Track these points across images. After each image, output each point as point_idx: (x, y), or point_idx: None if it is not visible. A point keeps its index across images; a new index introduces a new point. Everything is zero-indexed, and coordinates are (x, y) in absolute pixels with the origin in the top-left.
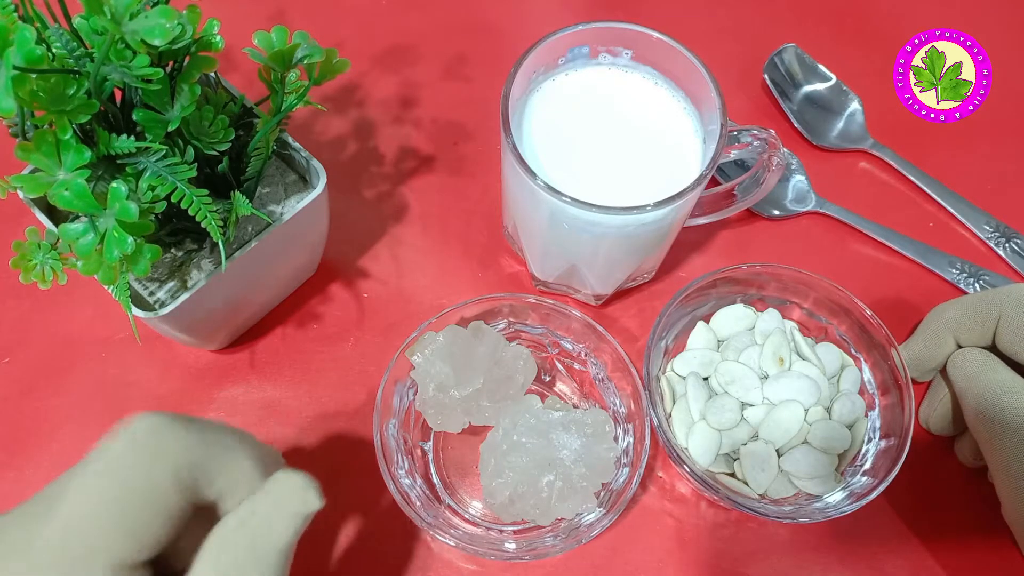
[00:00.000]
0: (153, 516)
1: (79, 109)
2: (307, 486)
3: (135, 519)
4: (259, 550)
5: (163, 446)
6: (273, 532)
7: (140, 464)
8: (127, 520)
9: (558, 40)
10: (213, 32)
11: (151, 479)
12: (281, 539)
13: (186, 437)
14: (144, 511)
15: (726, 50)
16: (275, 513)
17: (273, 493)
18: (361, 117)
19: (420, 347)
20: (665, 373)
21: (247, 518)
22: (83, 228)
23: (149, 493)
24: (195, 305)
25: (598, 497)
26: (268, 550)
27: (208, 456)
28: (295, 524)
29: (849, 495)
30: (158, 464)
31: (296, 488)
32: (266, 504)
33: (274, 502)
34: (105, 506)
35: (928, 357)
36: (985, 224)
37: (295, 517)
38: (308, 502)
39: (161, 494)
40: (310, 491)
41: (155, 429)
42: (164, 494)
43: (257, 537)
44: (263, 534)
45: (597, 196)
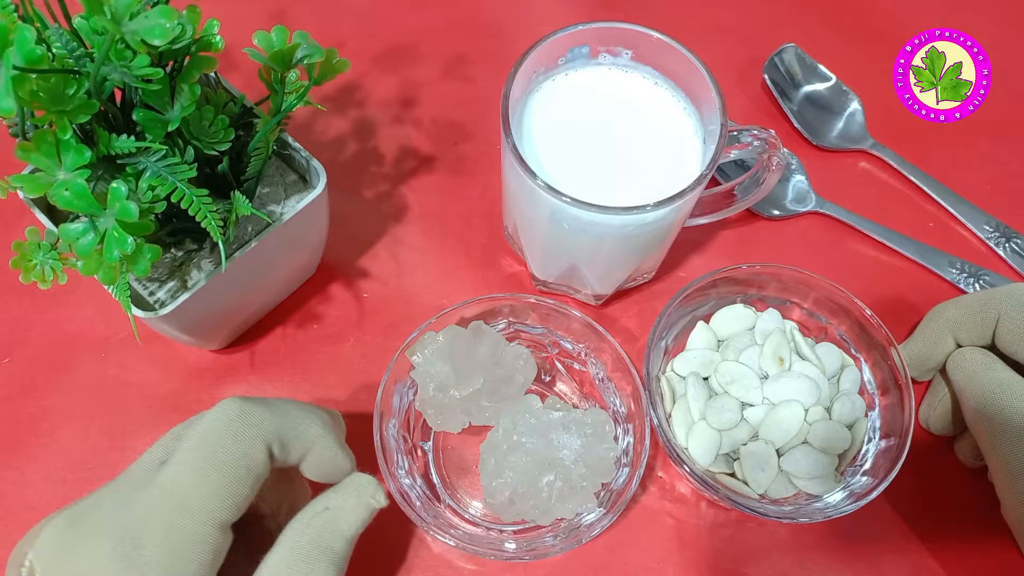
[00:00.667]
0: (245, 482)
1: (79, 109)
2: (376, 486)
3: (230, 485)
4: (332, 536)
5: (250, 421)
6: (344, 522)
7: (232, 437)
8: (224, 487)
9: (558, 40)
10: (213, 32)
11: (243, 450)
12: (350, 528)
13: (266, 413)
14: (238, 478)
15: (726, 50)
16: (347, 506)
17: (347, 489)
18: (361, 117)
19: (420, 347)
20: (665, 373)
21: (324, 509)
22: (83, 228)
23: (241, 462)
24: (195, 305)
25: (598, 497)
26: (338, 536)
27: (286, 426)
28: (363, 517)
29: (849, 495)
30: (247, 436)
31: (367, 486)
32: (340, 499)
33: (347, 497)
34: (203, 474)
35: (928, 357)
36: (985, 224)
37: (365, 509)
38: (376, 499)
39: (251, 462)
40: (379, 491)
41: (240, 409)
42: (254, 462)
43: (331, 525)
44: (336, 523)
45: (597, 196)
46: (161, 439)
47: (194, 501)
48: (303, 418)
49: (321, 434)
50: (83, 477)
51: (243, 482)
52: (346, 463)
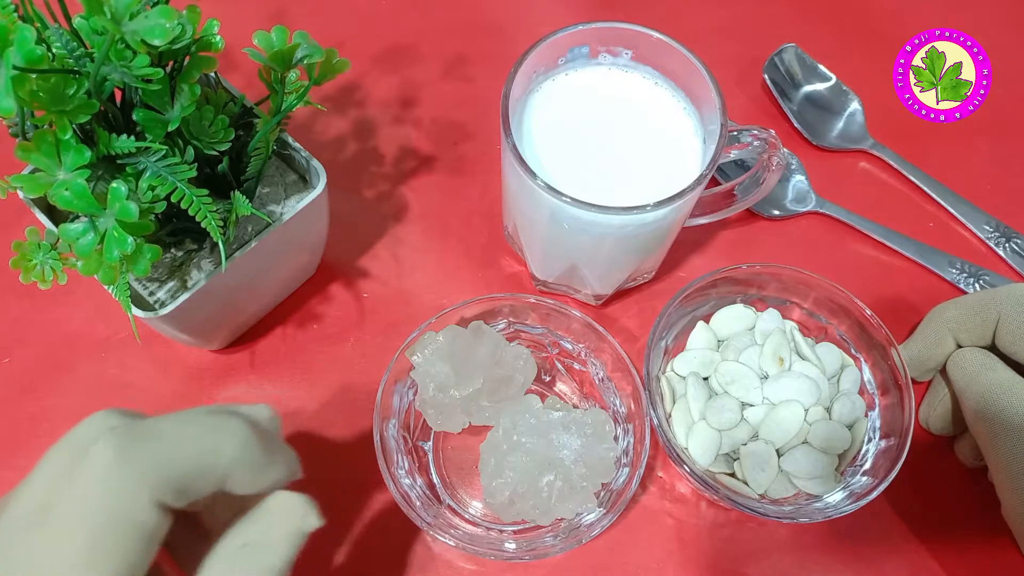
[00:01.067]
0: (136, 543)
1: (79, 109)
2: (306, 506)
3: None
4: (258, 572)
5: (127, 473)
6: (271, 553)
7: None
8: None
9: (558, 40)
10: (213, 32)
11: (122, 514)
12: (280, 559)
13: (150, 454)
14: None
15: (726, 50)
16: (272, 538)
17: (270, 515)
18: (361, 117)
19: (420, 347)
20: (665, 373)
21: (243, 546)
22: (83, 228)
23: (131, 523)
24: (195, 305)
25: (598, 497)
26: (266, 570)
27: (181, 466)
28: (293, 544)
29: (849, 495)
30: (135, 496)
31: (294, 508)
32: (262, 529)
33: (270, 526)
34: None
35: (928, 357)
36: (985, 224)
37: (293, 537)
38: (306, 522)
39: (143, 522)
40: (309, 512)
41: (115, 456)
42: (140, 525)
43: (256, 559)
44: (261, 555)
45: (597, 196)
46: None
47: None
48: (209, 446)
49: (239, 457)
50: None
51: (131, 549)
52: (279, 473)
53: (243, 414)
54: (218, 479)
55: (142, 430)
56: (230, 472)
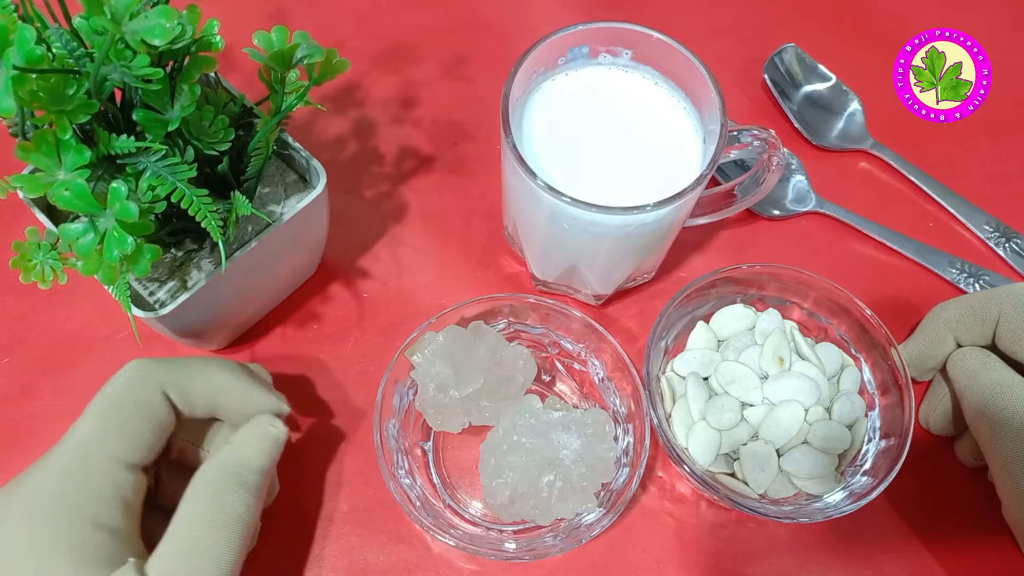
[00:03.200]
0: (144, 425)
1: (79, 109)
2: (272, 417)
3: (129, 428)
4: (238, 466)
5: (143, 373)
6: (247, 454)
7: (126, 387)
8: (122, 429)
9: (558, 40)
10: (213, 32)
11: (138, 396)
12: (255, 460)
13: (161, 364)
14: (136, 420)
15: (726, 50)
16: (249, 440)
17: (248, 425)
18: (361, 117)
19: (420, 347)
20: (665, 373)
21: (226, 444)
22: (83, 228)
23: (138, 407)
24: (195, 305)
25: (598, 497)
26: (244, 467)
27: (183, 374)
28: (266, 448)
29: (849, 495)
30: (141, 385)
31: (263, 419)
32: (242, 434)
33: (248, 431)
34: (101, 420)
35: (928, 356)
36: (985, 224)
37: (265, 441)
38: (275, 427)
39: (149, 408)
40: (276, 421)
41: (136, 365)
42: (151, 408)
43: (235, 456)
44: (239, 455)
45: (597, 196)
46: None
47: (93, 443)
48: (203, 366)
49: (226, 379)
50: None
51: (143, 426)
52: (268, 404)
53: (238, 362)
54: (211, 394)
55: (155, 358)
56: (221, 392)
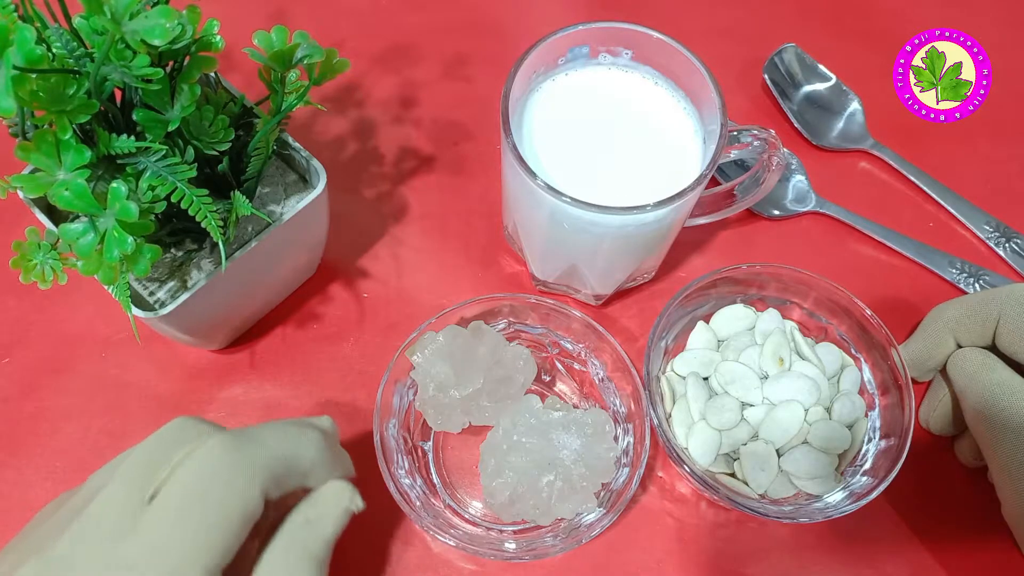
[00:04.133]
0: (239, 530)
1: (79, 109)
2: (352, 491)
3: (223, 537)
4: (315, 544)
5: (243, 465)
6: (324, 530)
7: (224, 485)
8: (217, 539)
9: (558, 40)
10: (213, 32)
11: (237, 499)
12: (332, 532)
13: (259, 452)
14: (231, 529)
15: (726, 50)
16: (327, 515)
17: (325, 497)
18: (361, 117)
19: (420, 347)
20: (665, 373)
21: (305, 522)
22: (83, 228)
23: (236, 512)
24: (195, 305)
25: (598, 497)
26: (320, 544)
27: (281, 463)
28: (342, 521)
29: (849, 495)
30: (241, 485)
31: (344, 491)
32: (320, 508)
33: (326, 506)
34: (194, 529)
35: (928, 357)
36: (985, 224)
37: (344, 515)
38: (355, 502)
39: (246, 511)
40: (356, 496)
41: (232, 448)
42: (249, 510)
43: (314, 535)
44: (317, 533)
45: (597, 196)
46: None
47: (188, 560)
48: (297, 451)
49: (317, 461)
50: (83, 477)
51: (237, 531)
52: (342, 470)
53: (315, 425)
54: (302, 476)
55: (247, 434)
56: (311, 470)
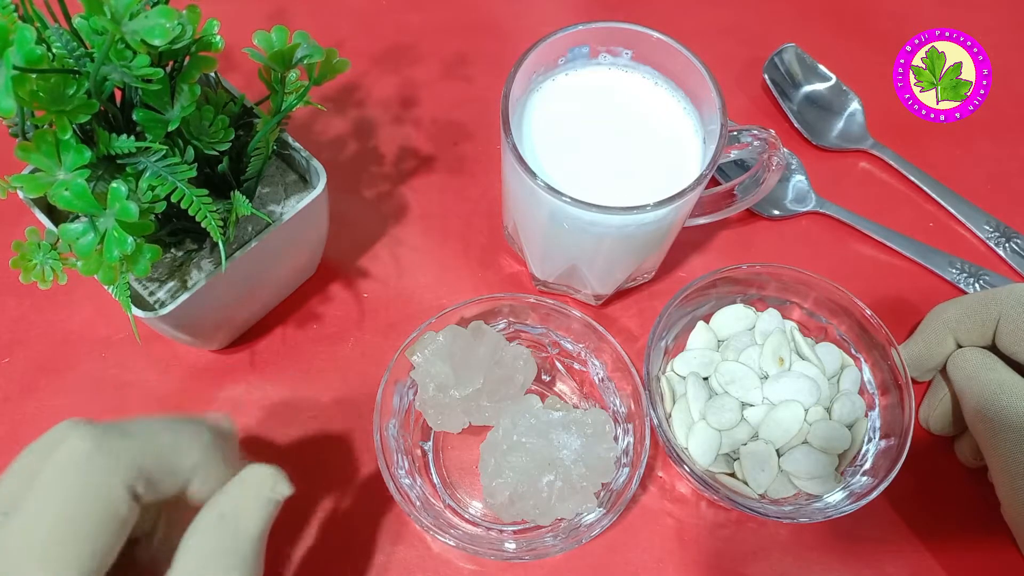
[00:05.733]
0: (105, 532)
1: (79, 109)
2: (276, 476)
3: (88, 542)
4: (236, 539)
5: (103, 463)
6: (247, 521)
7: (83, 484)
8: (80, 544)
9: (558, 40)
10: (213, 32)
11: (98, 499)
12: (255, 527)
13: (125, 447)
14: (95, 531)
15: (726, 50)
16: (247, 504)
17: (244, 485)
18: (361, 117)
19: (420, 347)
20: (665, 373)
21: (219, 518)
22: (83, 228)
23: (98, 513)
24: (195, 305)
25: (598, 497)
26: (243, 538)
27: (152, 461)
28: (266, 512)
29: (849, 495)
30: (101, 482)
31: (265, 478)
32: (237, 496)
33: (244, 494)
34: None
35: (928, 357)
36: (985, 224)
37: (266, 505)
38: (277, 490)
39: (110, 511)
40: (279, 480)
41: (92, 447)
42: (114, 510)
43: (232, 527)
44: (238, 524)
45: (597, 196)
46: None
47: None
48: (176, 446)
49: (201, 461)
50: None
51: (103, 535)
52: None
53: (205, 422)
54: (183, 478)
55: (114, 428)
56: (194, 472)
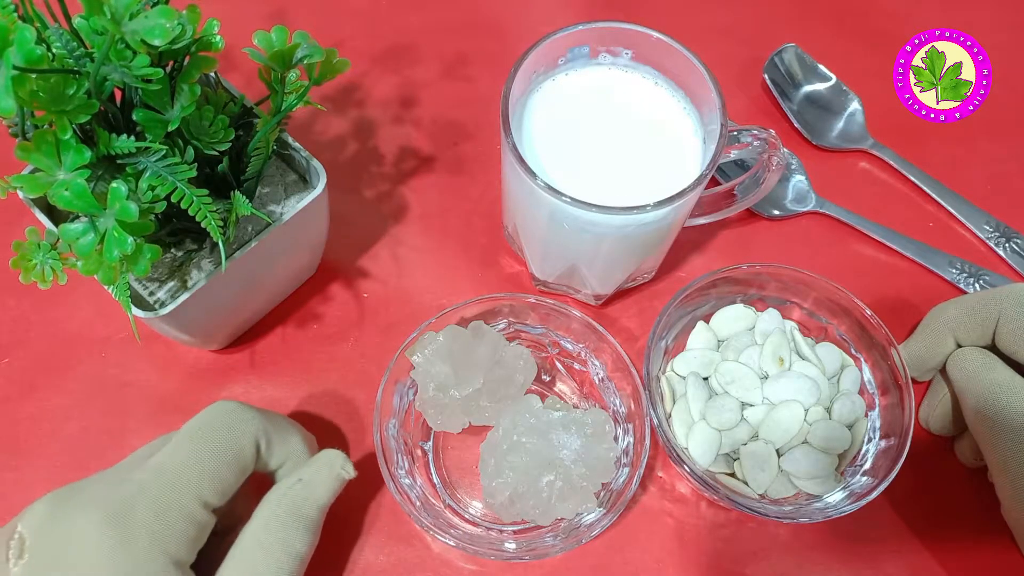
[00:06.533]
0: (232, 469)
1: (79, 109)
2: (344, 459)
3: (219, 469)
4: (305, 503)
5: (243, 417)
6: (316, 492)
7: (226, 428)
8: (213, 470)
9: (558, 40)
10: (213, 32)
11: (234, 439)
12: (323, 497)
13: (258, 414)
14: (227, 463)
15: (726, 50)
16: (319, 479)
17: (319, 462)
18: (361, 117)
19: (420, 347)
20: (665, 373)
21: (297, 481)
22: (83, 228)
23: (231, 449)
24: (195, 305)
25: (598, 497)
26: (312, 504)
27: (274, 430)
28: (334, 487)
29: (849, 495)
30: (239, 429)
31: (336, 458)
32: (312, 472)
33: (319, 470)
34: (196, 456)
35: (928, 357)
36: (985, 224)
37: (335, 480)
38: (345, 470)
39: (240, 452)
40: (347, 463)
41: (235, 406)
42: (243, 452)
43: (305, 494)
44: (309, 493)
45: (597, 196)
46: (153, 441)
47: (184, 479)
48: (289, 428)
49: (301, 448)
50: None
51: (231, 469)
52: (296, 436)
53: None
54: (285, 455)
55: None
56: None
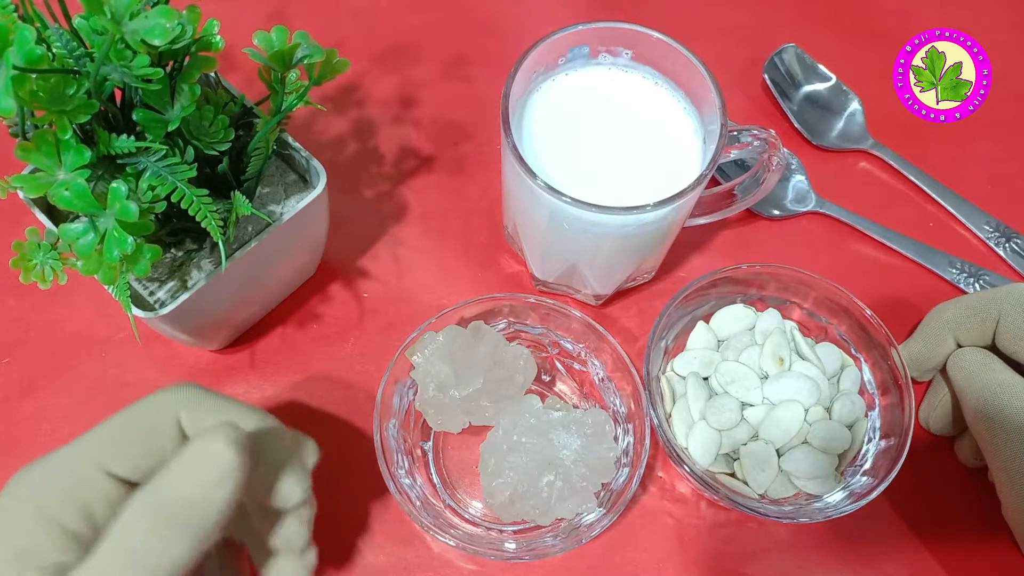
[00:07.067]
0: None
1: (79, 109)
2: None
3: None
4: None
5: (166, 394)
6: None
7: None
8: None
9: (558, 40)
10: (213, 32)
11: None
12: (310, 461)
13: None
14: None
15: (726, 50)
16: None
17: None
18: (361, 117)
19: (420, 347)
20: (665, 373)
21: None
22: (83, 228)
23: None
24: (195, 305)
25: (598, 497)
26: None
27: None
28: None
29: (849, 495)
30: (156, 402)
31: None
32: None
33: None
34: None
35: (928, 357)
36: (985, 224)
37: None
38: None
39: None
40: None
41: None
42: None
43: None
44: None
45: (597, 196)
46: None
47: (82, 443)
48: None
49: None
50: None
51: (140, 438)
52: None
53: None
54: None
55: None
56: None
